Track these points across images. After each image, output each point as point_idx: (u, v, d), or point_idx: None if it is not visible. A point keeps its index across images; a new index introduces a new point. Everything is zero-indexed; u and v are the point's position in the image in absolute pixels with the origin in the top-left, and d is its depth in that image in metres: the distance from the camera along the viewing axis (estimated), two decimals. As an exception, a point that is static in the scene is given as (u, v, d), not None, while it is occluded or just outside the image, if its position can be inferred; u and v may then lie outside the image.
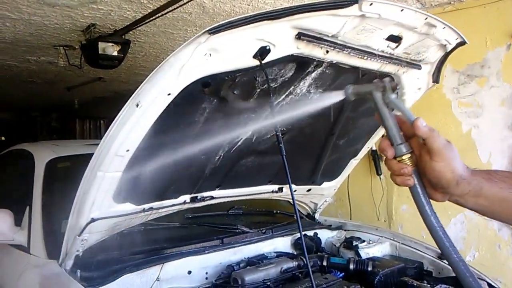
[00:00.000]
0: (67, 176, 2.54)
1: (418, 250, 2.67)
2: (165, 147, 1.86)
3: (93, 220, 1.88)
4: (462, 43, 2.02)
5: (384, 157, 1.03)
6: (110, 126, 1.60)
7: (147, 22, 3.47)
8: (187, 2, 3.03)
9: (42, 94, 8.74)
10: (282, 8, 1.44)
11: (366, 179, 4.28)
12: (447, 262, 2.50)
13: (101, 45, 3.77)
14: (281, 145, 1.63)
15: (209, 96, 1.73)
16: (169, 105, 1.60)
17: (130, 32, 3.93)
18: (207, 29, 1.39)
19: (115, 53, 3.86)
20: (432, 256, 2.58)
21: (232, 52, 1.54)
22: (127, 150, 1.69)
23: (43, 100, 9.90)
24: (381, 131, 2.79)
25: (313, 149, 2.68)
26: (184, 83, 1.55)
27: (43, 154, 2.81)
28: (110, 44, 3.81)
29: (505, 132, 3.36)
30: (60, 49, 4.56)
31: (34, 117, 13.00)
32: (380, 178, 4.17)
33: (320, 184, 2.98)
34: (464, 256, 3.53)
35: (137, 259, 2.12)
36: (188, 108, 1.74)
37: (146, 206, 2.06)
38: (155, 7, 3.25)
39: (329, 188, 3.06)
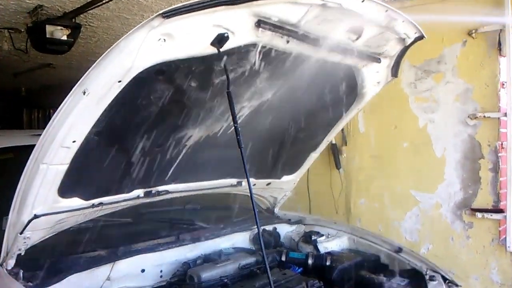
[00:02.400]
0: (9, 169, 2.35)
1: (375, 243, 2.69)
2: (116, 138, 1.75)
3: (36, 216, 1.73)
4: (421, 37, 2.03)
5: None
6: (54, 115, 1.47)
7: (99, 5, 3.28)
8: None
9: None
10: (240, -7, 1.36)
11: (326, 172, 4.30)
12: (403, 256, 2.56)
13: (48, 28, 3.52)
14: (239, 137, 1.56)
15: (164, 84, 1.63)
16: (119, 93, 1.49)
17: (82, 15, 3.70)
18: (160, 12, 1.29)
19: (65, 37, 3.62)
20: (389, 250, 2.60)
21: (188, 38, 1.45)
22: (74, 141, 1.56)
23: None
24: (340, 126, 2.78)
25: (273, 143, 2.63)
26: (136, 70, 1.44)
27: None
28: (59, 27, 3.56)
29: (459, 127, 3.46)
30: (4, 32, 4.24)
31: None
32: (339, 172, 4.20)
33: (279, 178, 2.94)
34: (419, 248, 3.63)
35: (86, 257, 1.99)
36: (141, 97, 1.64)
37: (96, 201, 1.93)
38: (109, -10, 3.08)
39: (289, 182, 3.03)
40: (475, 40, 3.35)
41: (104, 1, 3.24)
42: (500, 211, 3.23)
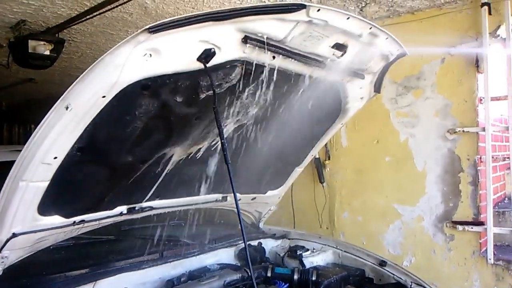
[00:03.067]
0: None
1: (360, 257, 2.70)
2: (99, 154, 1.71)
3: (14, 235, 1.68)
4: (403, 54, 2.07)
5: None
6: (36, 130, 1.44)
7: (83, 21, 3.25)
8: (126, 1, 2.88)
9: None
10: (228, 9, 1.37)
11: (310, 186, 4.31)
12: (387, 269, 2.57)
13: (31, 43, 3.47)
14: (226, 153, 1.55)
15: (149, 99, 1.61)
16: (103, 108, 1.47)
17: (65, 30, 3.66)
18: (147, 27, 1.28)
19: (47, 52, 3.57)
20: (373, 263, 2.61)
21: (175, 54, 1.44)
22: (55, 157, 1.52)
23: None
24: (324, 140, 2.80)
25: (258, 158, 2.62)
26: (121, 85, 1.43)
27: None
28: (42, 42, 3.52)
29: (439, 141, 3.52)
30: (-15, 47, 4.16)
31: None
32: (323, 186, 4.22)
33: (264, 193, 2.94)
34: (401, 261, 3.64)
35: (66, 277, 1.93)
36: (125, 112, 1.61)
37: (77, 218, 1.88)
38: (93, 5, 3.06)
39: (274, 196, 3.02)
40: (453, 57, 3.43)
41: (88, 17, 3.21)
42: (481, 223, 3.28)
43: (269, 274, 2.44)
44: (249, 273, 2.36)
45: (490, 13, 3.19)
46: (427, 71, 3.60)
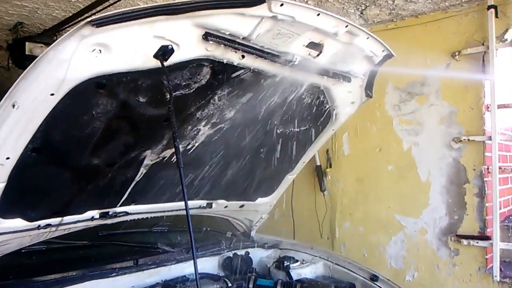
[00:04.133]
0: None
1: (351, 270, 2.56)
2: (59, 155, 1.64)
3: (-28, 237, 1.62)
4: (389, 55, 1.94)
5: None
6: (-17, 130, 1.38)
7: (76, 22, 3.23)
8: (116, 1, 2.84)
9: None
10: (180, 3, 1.29)
11: (311, 195, 4.17)
12: (379, 285, 2.43)
13: (28, 45, 3.48)
14: (178, 156, 1.45)
15: (107, 99, 1.54)
16: (55, 106, 1.40)
17: (63, 32, 3.67)
18: (89, 19, 1.21)
19: (45, 55, 3.59)
20: (364, 278, 2.47)
21: (127, 50, 1.36)
22: (7, 158, 1.46)
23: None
24: (315, 147, 2.68)
25: (244, 163, 2.53)
26: (71, 82, 1.36)
27: None
28: (39, 44, 3.53)
29: (444, 150, 3.34)
30: (-13, 49, 4.22)
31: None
32: (324, 194, 4.07)
33: (254, 200, 2.83)
34: (403, 275, 3.47)
35: (34, 283, 1.87)
36: (82, 112, 1.54)
37: (42, 222, 1.81)
38: (85, 6, 3.03)
39: (264, 204, 2.91)
40: (459, 62, 3.27)
41: (80, 18, 3.20)
42: (487, 238, 3.09)
43: (250, 286, 2.33)
44: (228, 284, 2.26)
45: (497, 16, 3.02)
46: (431, 77, 3.43)
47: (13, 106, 1.33)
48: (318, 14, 1.49)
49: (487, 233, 3.11)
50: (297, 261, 2.71)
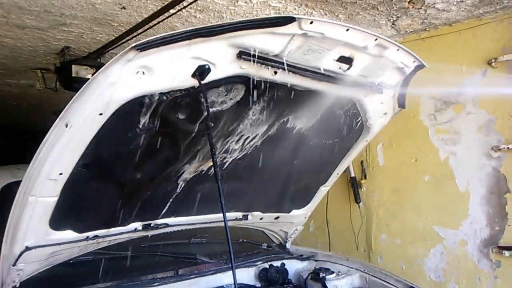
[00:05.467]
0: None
1: (388, 283, 2.54)
2: (106, 171, 1.76)
3: (27, 248, 1.75)
4: (420, 66, 1.96)
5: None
6: (39, 148, 1.51)
7: (119, 45, 3.43)
8: (156, 24, 3.00)
9: (29, 118, 8.68)
10: (216, 25, 1.38)
11: (345, 207, 4.16)
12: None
13: (74, 68, 3.72)
14: (216, 169, 1.53)
15: (150, 117, 1.64)
16: (103, 125, 1.52)
17: (106, 55, 3.89)
18: (133, 45, 1.32)
19: (89, 76, 3.80)
20: (402, 290, 2.45)
21: (168, 71, 1.46)
22: (60, 174, 1.59)
23: (31, 124, 9.84)
24: (349, 158, 2.70)
25: (279, 176, 2.58)
26: (117, 102, 1.47)
27: (0, 178, 2.71)
28: (84, 67, 3.77)
29: (482, 159, 3.27)
30: (37, 72, 4.52)
31: (24, 141, 12.89)
32: (359, 206, 4.05)
33: (289, 212, 2.87)
34: (444, 288, 3.39)
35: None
36: (126, 129, 1.65)
37: (90, 234, 1.93)
38: (126, 30, 3.22)
39: (299, 216, 2.94)
40: (496, 70, 3.20)
41: (122, 41, 3.39)
42: (530, 249, 2.98)
43: (286, 297, 2.36)
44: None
45: (533, 22, 2.97)
46: (468, 85, 3.38)
47: (66, 125, 1.45)
48: (347, 30, 1.54)
49: (531, 244, 3.01)
50: (332, 272, 2.71)
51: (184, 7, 2.74)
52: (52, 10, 2.94)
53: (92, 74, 3.85)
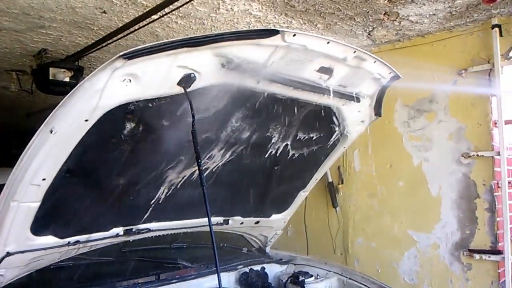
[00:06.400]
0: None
1: (365, 285, 2.61)
2: (89, 176, 1.77)
3: (8, 254, 1.74)
4: (396, 77, 2.05)
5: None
6: (23, 153, 1.51)
7: (98, 49, 3.42)
8: (137, 29, 3.01)
9: (2, 120, 8.45)
10: (202, 36, 1.42)
11: (323, 211, 4.24)
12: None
13: (52, 70, 3.67)
14: (201, 175, 1.57)
15: (135, 123, 1.66)
16: (88, 131, 1.53)
17: (85, 58, 3.86)
18: (121, 53, 1.34)
19: (67, 79, 3.76)
20: (378, 292, 2.53)
21: (154, 79, 1.49)
22: (43, 179, 1.59)
23: (4, 127, 9.58)
24: (327, 164, 2.78)
25: (259, 181, 2.63)
26: (103, 109, 1.49)
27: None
28: (62, 70, 3.72)
29: (453, 166, 3.41)
30: (12, 74, 4.44)
31: (-5, 144, 12.53)
32: (336, 210, 4.14)
33: (268, 217, 2.92)
34: (417, 291, 3.50)
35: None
36: (111, 136, 1.67)
37: (72, 239, 1.93)
38: (106, 34, 3.21)
39: (279, 220, 2.99)
40: (466, 80, 3.36)
41: (102, 45, 3.38)
42: (499, 252, 3.12)
43: (266, 300, 2.40)
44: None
45: (501, 35, 3.12)
46: (439, 94, 3.53)
47: (51, 131, 1.46)
48: (328, 42, 1.61)
49: (499, 248, 3.15)
50: (311, 276, 2.77)
51: (166, 14, 2.77)
52: (31, 12, 2.92)
53: (70, 77, 3.82)
